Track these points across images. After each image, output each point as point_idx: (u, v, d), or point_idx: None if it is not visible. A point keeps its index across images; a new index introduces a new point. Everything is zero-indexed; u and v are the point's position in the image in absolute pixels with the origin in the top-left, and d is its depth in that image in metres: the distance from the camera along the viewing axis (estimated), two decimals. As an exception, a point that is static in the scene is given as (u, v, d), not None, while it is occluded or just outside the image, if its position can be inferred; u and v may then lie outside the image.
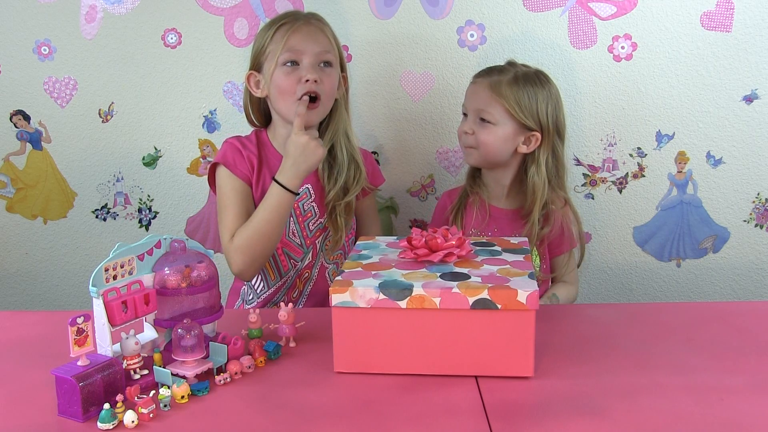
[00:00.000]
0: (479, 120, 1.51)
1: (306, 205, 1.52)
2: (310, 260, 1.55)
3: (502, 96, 1.49)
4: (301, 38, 1.44)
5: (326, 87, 1.45)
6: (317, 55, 1.44)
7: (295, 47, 1.43)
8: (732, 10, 1.74)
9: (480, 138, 1.51)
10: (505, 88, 1.49)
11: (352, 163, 1.53)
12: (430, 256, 1.09)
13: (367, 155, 1.64)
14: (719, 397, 0.95)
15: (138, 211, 1.88)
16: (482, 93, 1.51)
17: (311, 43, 1.44)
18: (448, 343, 1.00)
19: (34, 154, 1.85)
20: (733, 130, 1.81)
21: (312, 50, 1.43)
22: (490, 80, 1.52)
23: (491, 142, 1.50)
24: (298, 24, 1.45)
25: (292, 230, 1.52)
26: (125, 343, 0.98)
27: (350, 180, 1.52)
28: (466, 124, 1.54)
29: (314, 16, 1.51)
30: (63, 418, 0.92)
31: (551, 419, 0.90)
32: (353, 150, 1.54)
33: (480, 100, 1.51)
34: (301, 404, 0.95)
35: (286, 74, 1.43)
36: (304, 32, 1.44)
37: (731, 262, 1.89)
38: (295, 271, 1.55)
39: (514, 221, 1.56)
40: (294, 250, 1.54)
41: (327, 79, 1.45)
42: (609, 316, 1.25)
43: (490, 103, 1.50)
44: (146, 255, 1.05)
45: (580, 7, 1.75)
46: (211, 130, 1.83)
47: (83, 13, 1.77)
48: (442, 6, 1.76)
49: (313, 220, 1.53)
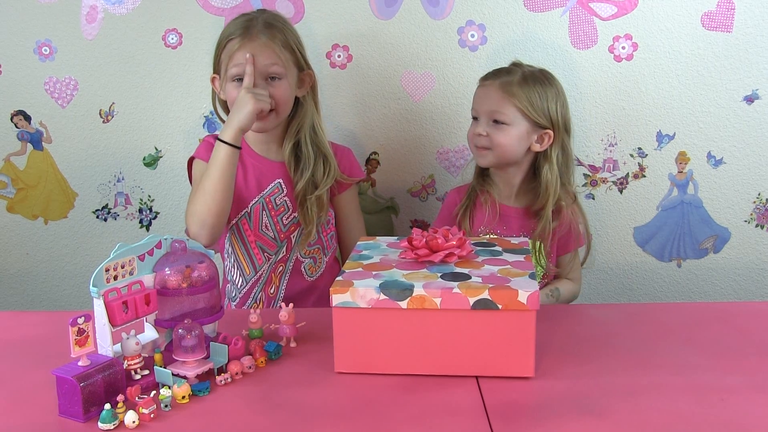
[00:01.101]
0: (492, 122, 1.52)
1: (278, 200, 1.55)
2: (284, 254, 1.57)
3: (514, 96, 1.50)
4: (245, 54, 1.45)
5: (276, 97, 1.48)
6: (261, 71, 1.46)
7: (240, 63, 1.45)
8: (733, 11, 1.74)
9: (495, 139, 1.51)
10: (516, 88, 1.50)
11: (320, 156, 1.56)
12: (430, 256, 1.10)
13: (344, 150, 1.66)
14: (720, 398, 0.95)
15: (139, 211, 1.88)
16: (494, 94, 1.51)
17: (255, 60, 1.45)
18: (448, 344, 1.00)
19: (34, 154, 1.85)
20: (733, 131, 1.81)
21: (257, 67, 1.45)
22: (500, 81, 1.52)
23: (507, 143, 1.51)
24: (245, 40, 1.46)
25: (265, 224, 1.55)
26: (126, 343, 0.98)
27: (319, 173, 1.55)
28: (478, 126, 1.54)
29: (267, 26, 1.49)
30: (64, 418, 0.92)
31: (552, 419, 0.90)
32: (320, 144, 1.56)
33: (492, 101, 1.51)
34: (302, 404, 0.95)
35: (235, 89, 1.47)
36: (248, 48, 1.45)
37: (732, 262, 1.89)
38: (269, 264, 1.57)
39: (522, 219, 1.57)
40: (267, 244, 1.56)
41: (275, 91, 1.48)
42: (610, 316, 1.25)
43: (502, 104, 1.50)
44: (147, 255, 1.05)
45: (580, 7, 1.75)
46: (211, 130, 1.83)
47: (84, 14, 1.77)
48: (443, 6, 1.76)
49: (286, 215, 1.56)
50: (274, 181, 1.55)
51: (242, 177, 1.54)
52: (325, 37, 1.77)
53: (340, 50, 1.78)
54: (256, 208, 1.54)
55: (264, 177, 1.55)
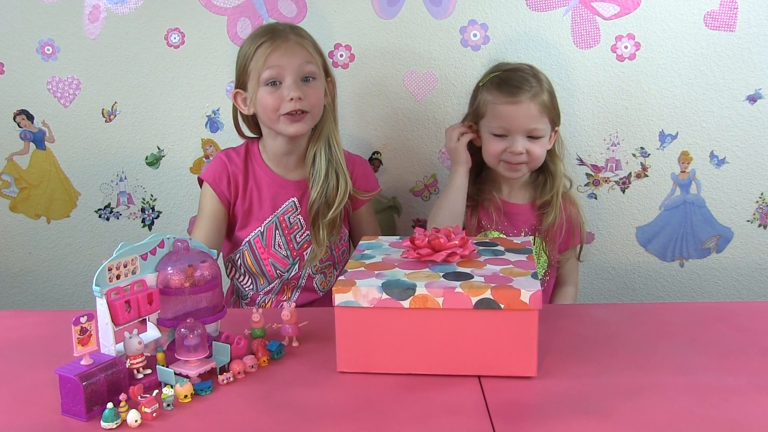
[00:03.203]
0: (527, 138, 1.52)
1: (292, 218, 1.54)
2: (297, 272, 1.57)
3: (546, 107, 1.52)
4: (280, 55, 1.43)
5: (312, 100, 1.45)
6: (298, 71, 1.44)
7: (275, 65, 1.43)
8: (736, 10, 1.74)
9: (533, 153, 1.53)
10: (545, 98, 1.52)
11: (333, 173, 1.51)
12: (433, 255, 1.09)
13: (361, 162, 1.64)
14: (722, 398, 0.94)
15: (141, 210, 1.88)
16: (531, 111, 1.50)
17: (291, 59, 1.43)
18: (451, 343, 1.00)
19: (37, 153, 1.85)
20: (736, 130, 1.80)
21: (292, 66, 1.43)
22: (530, 96, 1.51)
23: (542, 153, 1.54)
24: (277, 41, 1.44)
25: (278, 242, 1.54)
26: (128, 342, 0.98)
27: (331, 191, 1.51)
28: (516, 145, 1.51)
29: (293, 29, 1.49)
30: (66, 417, 0.92)
31: (554, 419, 0.90)
32: (334, 159, 1.52)
33: (530, 119, 1.51)
34: (304, 404, 0.95)
35: (270, 93, 1.44)
36: (283, 49, 1.43)
37: (734, 262, 1.88)
38: (281, 280, 1.57)
39: (528, 214, 1.58)
40: (280, 261, 1.55)
41: (311, 92, 1.45)
42: (612, 316, 1.25)
43: (540, 119, 1.52)
44: (149, 254, 1.05)
45: (583, 6, 1.75)
46: (214, 130, 1.83)
47: (86, 13, 1.77)
48: (445, 6, 1.76)
49: (299, 233, 1.55)
50: (289, 200, 1.54)
51: (257, 196, 1.53)
52: (327, 36, 1.77)
53: (342, 49, 1.78)
54: (270, 226, 1.53)
55: (279, 196, 1.54)
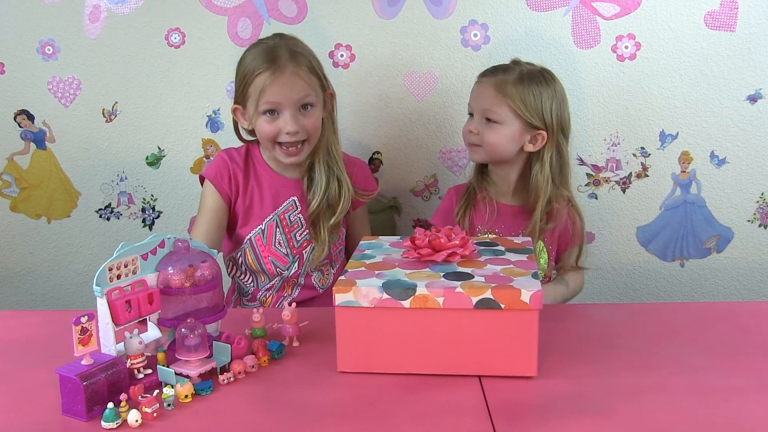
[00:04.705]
0: (485, 120, 1.51)
1: (293, 217, 1.55)
2: (296, 270, 1.57)
3: (507, 95, 1.48)
4: (277, 90, 1.42)
5: (309, 128, 1.47)
6: (296, 103, 1.44)
7: (272, 99, 1.43)
8: (736, 10, 1.74)
9: (486, 138, 1.51)
10: (511, 87, 1.49)
11: (334, 180, 1.53)
12: (433, 255, 1.09)
13: (360, 164, 1.65)
14: (723, 398, 0.94)
15: (141, 210, 1.88)
16: (488, 92, 1.51)
17: (289, 94, 1.43)
18: (451, 343, 1.00)
19: (37, 153, 1.86)
20: (736, 130, 1.80)
21: (290, 101, 1.43)
22: (495, 79, 1.51)
23: (497, 142, 1.50)
24: (275, 74, 1.42)
25: (278, 240, 1.54)
26: (129, 342, 0.98)
27: (333, 196, 1.53)
28: (471, 123, 1.54)
29: (292, 57, 1.45)
30: (67, 417, 0.92)
31: (555, 419, 0.90)
32: (335, 165, 1.54)
33: (486, 99, 1.51)
34: (305, 404, 0.95)
35: (268, 123, 1.45)
36: (281, 82, 1.42)
37: (735, 262, 1.88)
38: (281, 278, 1.57)
39: (519, 217, 1.56)
40: (280, 259, 1.56)
41: (309, 121, 1.46)
42: (612, 315, 1.25)
43: (495, 103, 1.50)
44: (150, 254, 1.05)
45: (583, 6, 1.75)
46: (214, 130, 1.83)
47: (87, 13, 1.77)
48: (446, 5, 1.76)
49: (299, 231, 1.56)
50: (289, 198, 1.54)
51: (258, 194, 1.54)
52: (327, 36, 1.77)
53: (342, 50, 1.78)
54: (270, 224, 1.54)
55: (279, 195, 1.54)
